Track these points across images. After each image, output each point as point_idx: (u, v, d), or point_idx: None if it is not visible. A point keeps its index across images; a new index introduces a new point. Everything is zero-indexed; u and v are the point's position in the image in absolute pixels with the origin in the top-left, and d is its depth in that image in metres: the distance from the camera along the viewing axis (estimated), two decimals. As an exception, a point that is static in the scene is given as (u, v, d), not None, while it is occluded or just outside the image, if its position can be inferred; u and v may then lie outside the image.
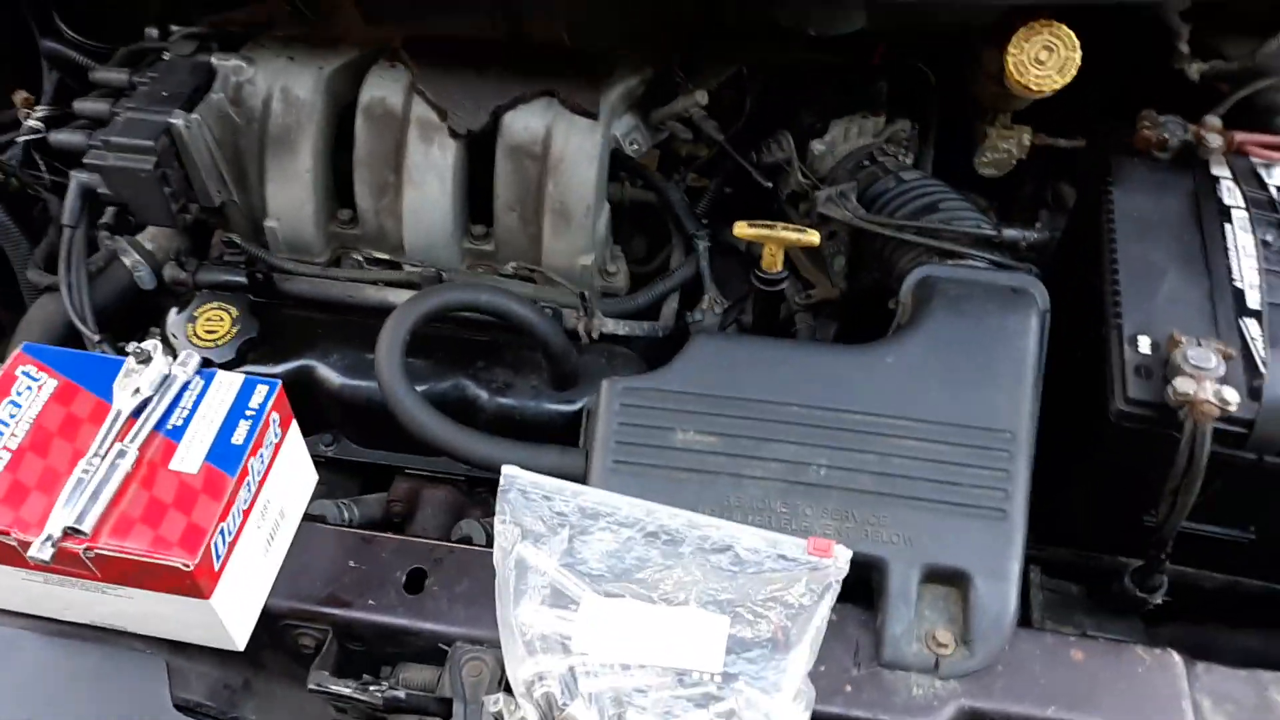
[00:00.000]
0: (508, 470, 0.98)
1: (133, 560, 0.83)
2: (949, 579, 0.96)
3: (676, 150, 1.44)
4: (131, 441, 0.88)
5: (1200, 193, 1.15)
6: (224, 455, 0.89)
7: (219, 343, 1.24)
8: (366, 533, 1.04)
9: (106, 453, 0.88)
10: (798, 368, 1.04)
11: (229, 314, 1.26)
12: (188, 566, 0.83)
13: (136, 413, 0.91)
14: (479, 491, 1.33)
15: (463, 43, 1.30)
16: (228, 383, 0.94)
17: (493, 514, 1.27)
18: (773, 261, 1.14)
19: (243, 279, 1.33)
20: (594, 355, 1.27)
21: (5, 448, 0.89)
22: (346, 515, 1.17)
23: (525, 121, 1.29)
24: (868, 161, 1.32)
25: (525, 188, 1.30)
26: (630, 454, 1.01)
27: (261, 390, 0.93)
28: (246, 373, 1.20)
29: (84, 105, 1.31)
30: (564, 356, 1.19)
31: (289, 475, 0.98)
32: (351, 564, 1.01)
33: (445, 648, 0.95)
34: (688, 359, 1.05)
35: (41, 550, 0.82)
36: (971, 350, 1.04)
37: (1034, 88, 1.15)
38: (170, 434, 0.90)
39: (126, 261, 1.38)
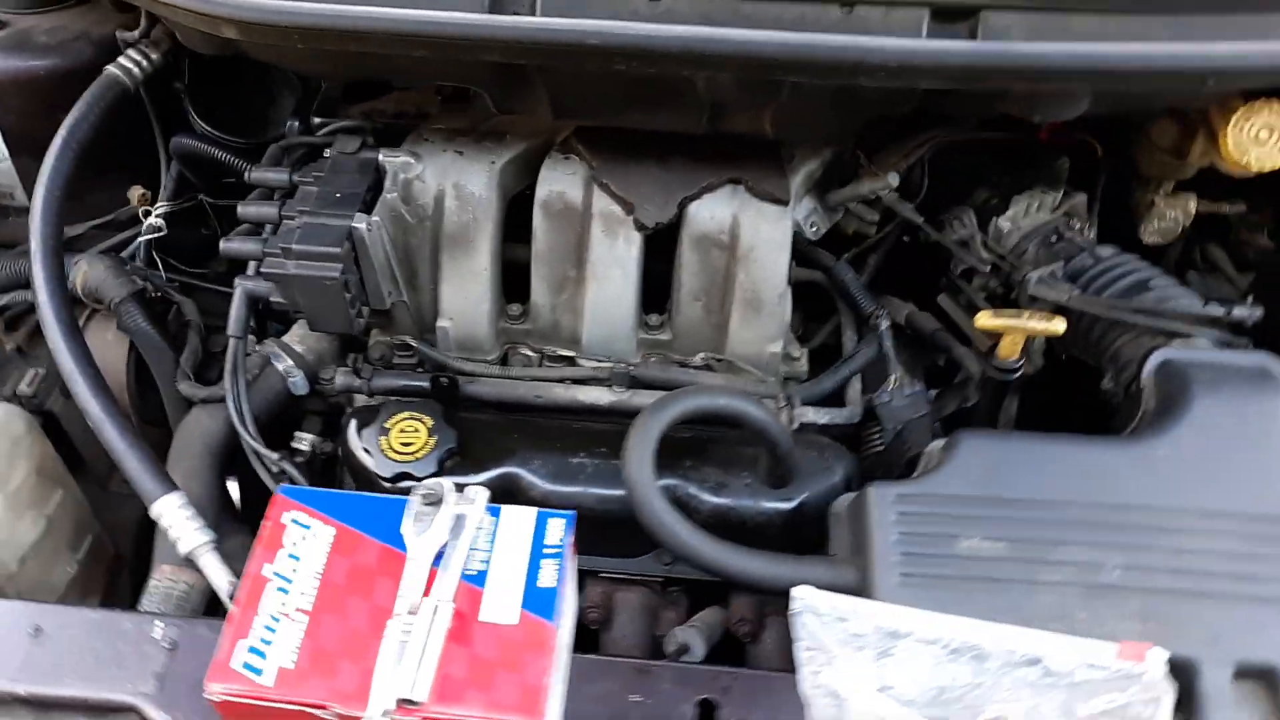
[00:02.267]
0: (799, 592, 0.94)
1: (470, 727, 0.77)
2: (1259, 675, 0.94)
3: (843, 229, 1.42)
4: (442, 595, 0.82)
5: None
6: (538, 601, 0.84)
7: (418, 455, 1.18)
8: (639, 662, 0.99)
9: (417, 609, 0.81)
10: (1072, 465, 1.01)
11: (424, 423, 1.20)
12: (533, 729, 0.77)
13: (435, 560, 0.85)
14: (671, 591, 1.28)
15: (639, 132, 1.26)
16: (519, 518, 0.89)
17: (686, 613, 1.27)
18: (1013, 351, 1.12)
19: (423, 384, 1.27)
20: (800, 447, 1.23)
21: (299, 609, 0.82)
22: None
23: (711, 211, 1.25)
24: (1055, 238, 1.31)
25: (712, 277, 1.27)
26: (916, 565, 0.97)
27: (557, 525, 0.88)
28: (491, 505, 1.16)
29: (249, 210, 1.25)
30: (789, 456, 1.15)
31: (571, 605, 0.93)
32: (633, 698, 0.95)
33: (754, 785, 0.91)
34: (957, 460, 1.02)
35: (376, 724, 0.76)
36: (1241, 437, 1.02)
37: (1254, 165, 1.14)
38: (473, 580, 0.84)
39: (280, 367, 1.32)
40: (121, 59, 1.32)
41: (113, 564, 1.37)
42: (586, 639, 1.22)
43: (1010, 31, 1.05)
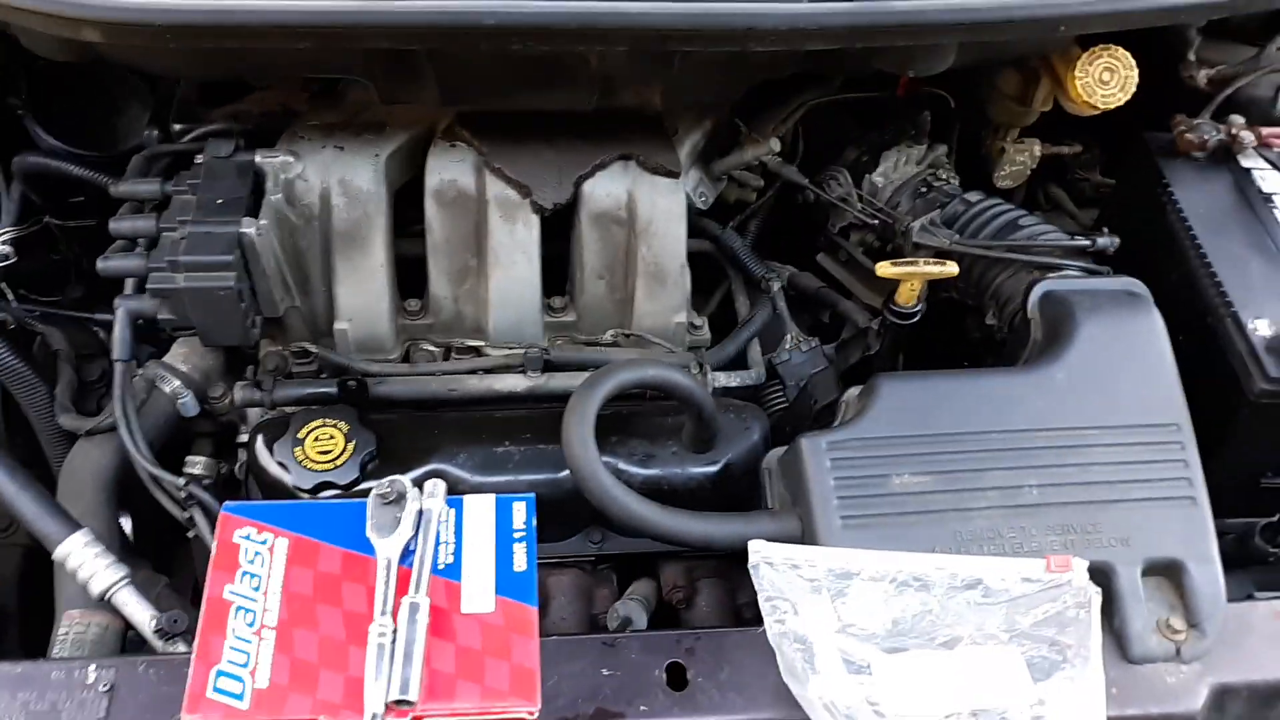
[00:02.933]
0: (754, 545, 0.97)
1: (468, 718, 0.76)
2: (1164, 570, 1.03)
3: (725, 198, 1.45)
4: (418, 591, 0.81)
5: (1241, 185, 1.29)
6: (514, 585, 0.83)
7: (338, 462, 1.14)
8: (605, 636, 0.99)
9: (395, 610, 0.80)
10: (983, 397, 1.08)
11: (339, 429, 1.16)
12: (533, 714, 0.77)
13: (404, 559, 0.83)
14: (601, 569, 1.29)
15: (523, 114, 1.26)
16: (480, 506, 0.88)
17: (620, 591, 1.28)
18: (910, 296, 1.18)
19: (329, 389, 1.23)
20: (719, 411, 1.26)
21: (267, 626, 0.79)
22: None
23: (607, 188, 1.26)
24: (925, 189, 1.38)
25: (614, 254, 1.28)
26: (854, 507, 1.02)
27: (520, 508, 0.88)
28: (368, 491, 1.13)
29: (121, 225, 1.17)
30: (713, 420, 1.17)
31: (534, 588, 0.93)
32: (605, 671, 0.95)
33: (732, 738, 0.93)
34: (880, 404, 1.07)
35: (373, 729, 0.74)
36: (1125, 354, 1.11)
37: (1101, 105, 1.24)
38: (445, 574, 0.83)
39: (166, 389, 1.25)
40: (-57, 73, 1.22)
41: (-2, 619, 1.27)
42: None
43: (889, -10, 1.10)
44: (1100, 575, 1.02)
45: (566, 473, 1.16)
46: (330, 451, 1.15)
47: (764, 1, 1.06)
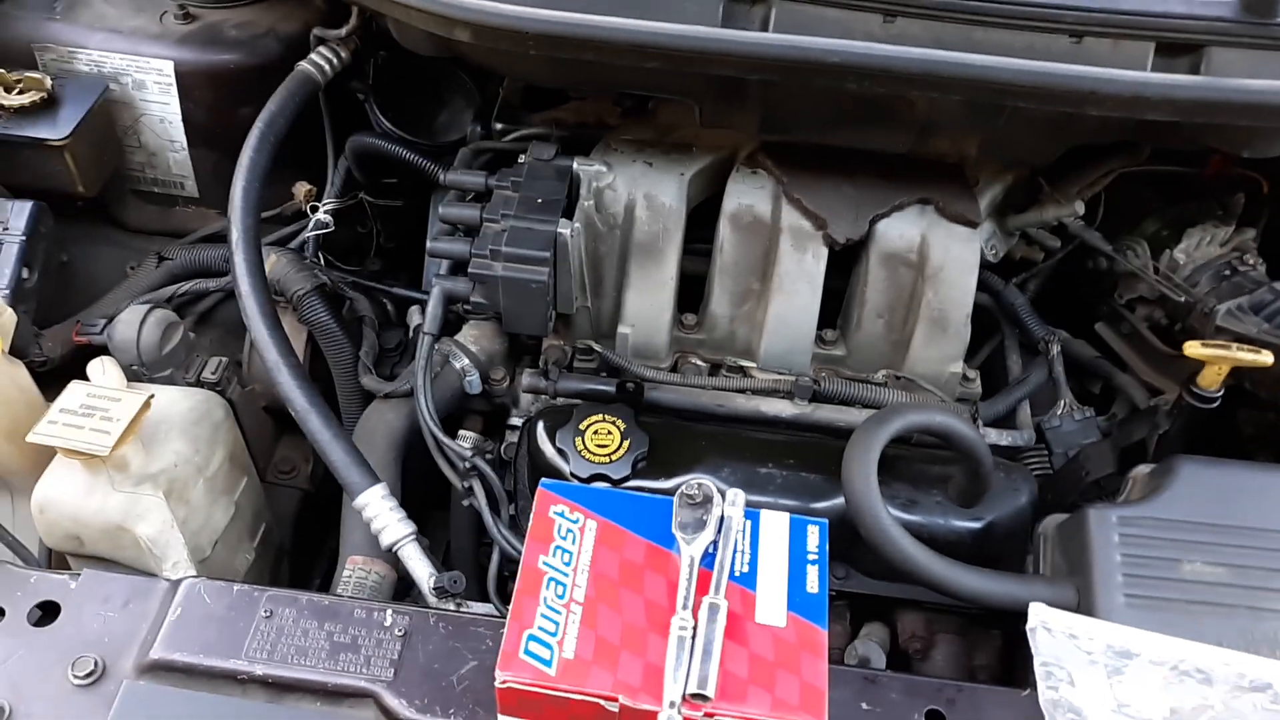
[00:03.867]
0: (1035, 609, 0.95)
1: (756, 727, 0.79)
2: None
3: (1010, 253, 1.44)
4: (718, 593, 0.84)
5: None
6: (806, 605, 0.85)
7: (613, 457, 1.19)
8: (868, 671, 1.00)
9: (694, 606, 0.83)
10: (1293, 494, 1.03)
11: (617, 427, 1.21)
12: (819, 731, 0.78)
13: (704, 560, 0.86)
14: (837, 605, 1.29)
15: (826, 149, 1.28)
16: (776, 523, 0.90)
17: (852, 628, 1.28)
18: (1214, 380, 1.14)
19: (608, 388, 1.29)
20: (988, 469, 1.24)
21: (574, 600, 0.84)
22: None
23: (901, 229, 1.27)
24: (1229, 272, 1.33)
25: (898, 295, 1.29)
26: (1139, 586, 0.99)
27: (815, 531, 0.90)
28: (636, 488, 1.17)
29: (450, 211, 1.26)
30: (988, 476, 1.16)
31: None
32: (864, 705, 0.96)
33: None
34: (1179, 486, 1.03)
35: (672, 718, 0.77)
36: None
37: None
38: (741, 581, 0.86)
39: (457, 366, 1.33)
40: (314, 55, 1.35)
41: (279, 552, 1.38)
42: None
43: (1232, 67, 1.07)
44: (1407, 705, 0.95)
45: (825, 504, 1.18)
46: (607, 446, 1.21)
47: (1108, 69, 1.05)
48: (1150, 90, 1.04)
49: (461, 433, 1.39)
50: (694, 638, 0.81)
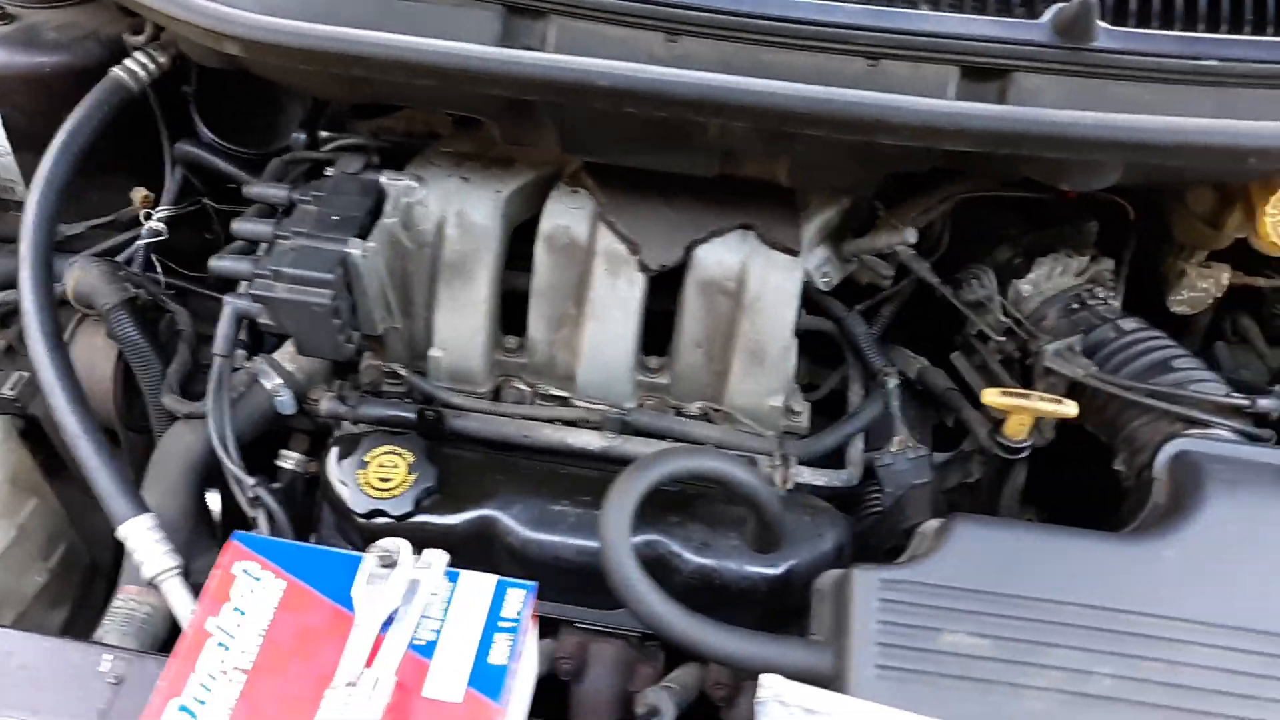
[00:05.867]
0: (766, 681, 0.89)
1: (399, 813, 0.74)
2: (1252, 807, 0.88)
3: (857, 279, 1.36)
4: (385, 667, 0.79)
5: None
6: (486, 679, 0.80)
7: (394, 492, 1.15)
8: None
9: (357, 680, 0.78)
10: (1071, 561, 0.96)
11: (404, 459, 1.17)
12: (465, 823, 0.73)
13: (384, 626, 0.81)
14: (649, 646, 1.24)
15: (652, 172, 1.22)
16: (477, 587, 0.85)
17: (662, 670, 1.23)
18: (1019, 430, 1.07)
19: (409, 415, 1.24)
20: (791, 510, 1.18)
21: (237, 668, 0.79)
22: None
23: (719, 256, 1.21)
24: (1077, 305, 1.25)
25: (715, 325, 1.22)
26: (894, 657, 0.92)
27: (517, 596, 0.85)
28: (422, 525, 1.12)
29: (243, 227, 1.22)
30: (776, 521, 1.10)
31: (526, 677, 0.89)
32: (588, 774, 0.91)
33: None
34: (949, 548, 0.97)
35: (304, 804, 0.73)
36: (1255, 544, 0.97)
37: (1290, 248, 1.08)
38: (420, 650, 0.81)
39: (267, 385, 1.29)
40: (128, 61, 1.30)
41: (87, 572, 1.35)
42: (558, 690, 1.19)
43: (1041, 96, 1.00)
44: (1167, 796, 0.89)
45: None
46: (390, 480, 1.16)
47: (901, 95, 0.98)
48: (941, 120, 0.98)
49: (283, 452, 1.35)
50: (348, 716, 0.76)
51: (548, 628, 1.22)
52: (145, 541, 1.10)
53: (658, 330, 1.27)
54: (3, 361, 1.28)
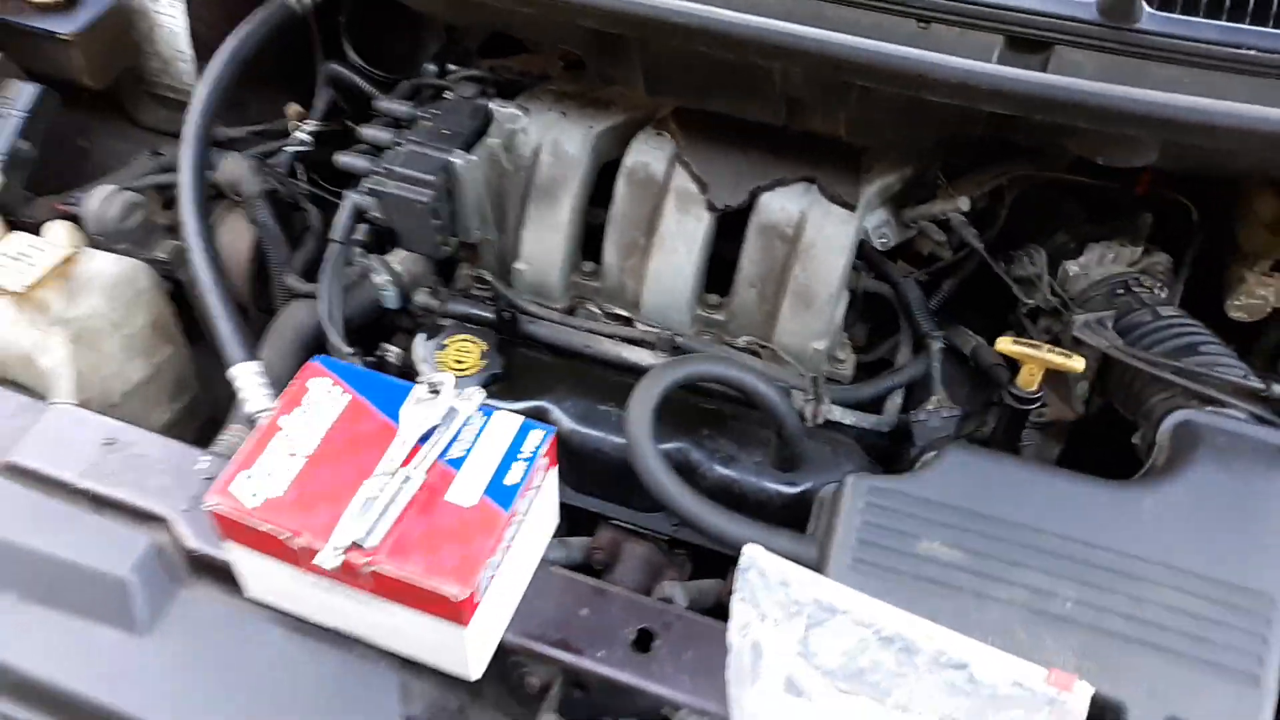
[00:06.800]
0: (749, 550, 0.99)
1: (406, 582, 0.87)
2: (1190, 738, 0.93)
3: (918, 248, 1.45)
4: (417, 467, 0.93)
5: None
6: (499, 492, 0.93)
7: (467, 373, 1.29)
8: (597, 583, 1.07)
9: (394, 474, 0.92)
10: (1052, 495, 1.03)
11: (478, 347, 1.32)
12: (456, 597, 0.86)
13: (422, 439, 0.95)
14: (678, 553, 1.35)
15: (731, 121, 1.34)
16: (506, 423, 0.98)
17: (688, 577, 1.33)
18: (1030, 381, 1.14)
19: (489, 315, 1.39)
20: (818, 441, 1.28)
21: (297, 455, 0.94)
22: (554, 555, 1.21)
23: (782, 203, 1.32)
24: (1122, 290, 1.30)
25: (771, 267, 1.33)
26: (871, 554, 1.01)
27: (536, 435, 0.97)
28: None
29: (368, 132, 1.40)
30: (795, 440, 1.20)
31: (542, 517, 1.02)
32: (583, 612, 1.03)
33: (668, 714, 0.97)
34: (940, 469, 1.05)
35: (328, 558, 0.87)
36: (1235, 507, 1.01)
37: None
38: (450, 464, 0.94)
39: (376, 280, 1.46)
40: (294, -15, 1.50)
41: (205, 426, 1.55)
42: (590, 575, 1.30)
43: (1082, 69, 1.07)
44: (1108, 712, 0.94)
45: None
46: (464, 363, 1.31)
47: (945, 55, 1.07)
48: (978, 79, 1.06)
49: (384, 345, 1.52)
50: (378, 499, 0.90)
51: (589, 522, 1.35)
52: (251, 383, 1.27)
53: (722, 276, 1.39)
54: (162, 234, 1.49)
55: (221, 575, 1.05)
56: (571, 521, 1.36)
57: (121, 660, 1.03)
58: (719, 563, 1.30)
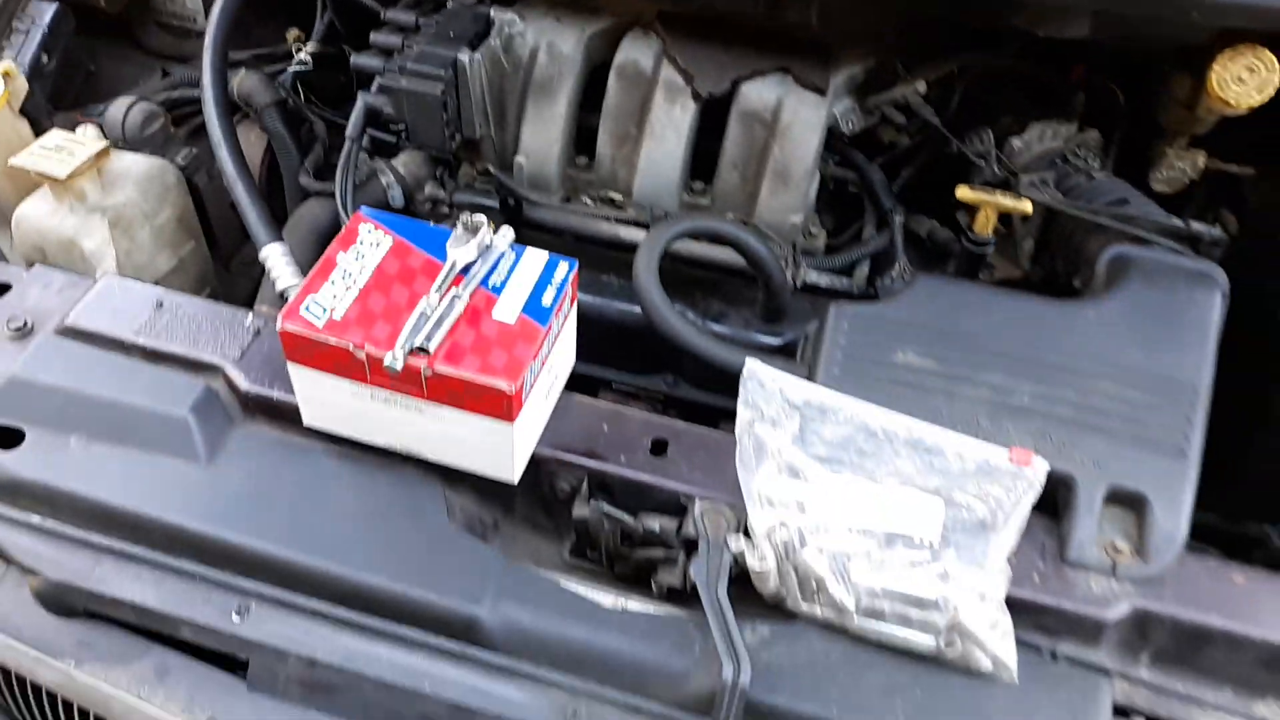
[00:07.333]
0: (750, 363, 1.13)
1: (462, 380, 1.00)
2: (1129, 502, 1.09)
3: (879, 137, 1.61)
4: (464, 290, 1.06)
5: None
6: (536, 311, 1.06)
7: (477, 249, 1.42)
8: (614, 406, 1.20)
9: (444, 295, 1.05)
10: (1010, 312, 1.18)
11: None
12: (509, 390, 0.99)
13: (464, 270, 1.08)
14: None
15: (712, 20, 1.48)
16: (536, 256, 1.11)
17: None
18: (984, 226, 1.30)
19: (494, 203, 1.52)
20: (799, 301, 1.43)
21: (355, 284, 1.07)
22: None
23: (760, 92, 1.46)
24: (1060, 160, 1.47)
25: (751, 149, 1.47)
26: (854, 365, 1.16)
27: (564, 267, 1.11)
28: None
29: (379, 38, 1.52)
30: (780, 290, 1.35)
31: (566, 344, 1.15)
32: (605, 428, 1.17)
33: (685, 503, 1.11)
34: (912, 294, 1.20)
35: (395, 361, 1.00)
36: (1161, 317, 1.18)
37: (1232, 102, 1.29)
38: (492, 289, 1.07)
39: (383, 180, 1.58)
40: (301, -89, 1.61)
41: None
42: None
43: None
44: (1061, 484, 1.10)
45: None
46: (474, 240, 1.43)
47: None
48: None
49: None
50: (432, 314, 1.03)
51: (591, 387, 1.49)
52: (280, 262, 1.39)
53: (707, 164, 1.53)
54: (185, 143, 1.60)
55: (274, 413, 1.17)
56: (573, 388, 1.49)
57: (185, 486, 1.14)
58: (710, 422, 1.44)
